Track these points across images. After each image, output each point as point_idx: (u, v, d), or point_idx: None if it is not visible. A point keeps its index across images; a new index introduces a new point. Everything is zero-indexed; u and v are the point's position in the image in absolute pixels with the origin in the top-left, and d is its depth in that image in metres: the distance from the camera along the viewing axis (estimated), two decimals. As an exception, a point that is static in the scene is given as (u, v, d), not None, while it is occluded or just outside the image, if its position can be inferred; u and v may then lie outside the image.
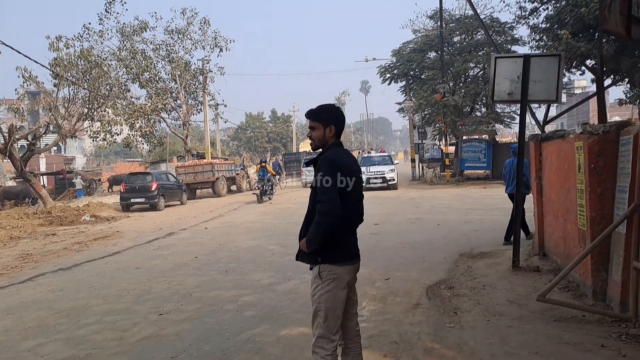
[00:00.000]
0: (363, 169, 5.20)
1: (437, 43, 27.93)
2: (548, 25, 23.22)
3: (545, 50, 22.86)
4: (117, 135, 25.90)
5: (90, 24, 26.45)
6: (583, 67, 22.62)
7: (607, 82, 18.22)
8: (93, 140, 26.20)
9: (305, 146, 60.04)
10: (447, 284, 6.49)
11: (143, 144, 28.72)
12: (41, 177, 32.53)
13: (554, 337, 4.46)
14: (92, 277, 8.32)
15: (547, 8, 23.82)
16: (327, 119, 3.35)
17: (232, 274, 7.86)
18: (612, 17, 6.08)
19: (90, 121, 24.34)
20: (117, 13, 27.52)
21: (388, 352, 4.31)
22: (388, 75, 30.55)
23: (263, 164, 21.67)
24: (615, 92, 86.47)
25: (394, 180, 23.83)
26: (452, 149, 28.72)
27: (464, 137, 27.37)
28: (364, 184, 3.59)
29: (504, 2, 30.64)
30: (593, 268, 5.29)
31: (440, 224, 11.80)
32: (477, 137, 28.04)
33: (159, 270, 8.57)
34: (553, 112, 35.24)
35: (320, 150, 3.40)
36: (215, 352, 4.62)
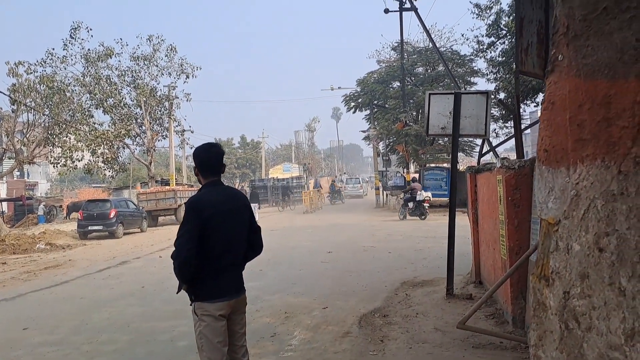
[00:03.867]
0: None
1: (400, 74, 28.69)
2: (504, 58, 24.23)
3: (500, 83, 23.84)
4: (79, 161, 25.63)
5: (54, 49, 26.28)
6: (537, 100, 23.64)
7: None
8: (54, 167, 25.85)
9: (275, 172, 60.15)
10: (382, 312, 6.65)
11: (105, 170, 28.39)
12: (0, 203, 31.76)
13: (467, 363, 4.65)
14: (33, 308, 8.21)
15: (504, 42, 24.89)
16: (194, 159, 3.37)
17: (174, 303, 7.81)
18: (529, 59, 6.50)
19: (51, 147, 24.05)
20: (82, 39, 27.46)
21: (306, 380, 4.43)
22: (353, 103, 31.20)
23: None
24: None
25: None
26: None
27: (427, 165, 27.91)
28: None
29: (463, 36, 31.87)
30: (512, 296, 5.53)
31: (391, 252, 12.01)
32: (444, 165, 28.55)
33: (103, 300, 8.52)
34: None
35: None
36: (139, 383, 4.67)
